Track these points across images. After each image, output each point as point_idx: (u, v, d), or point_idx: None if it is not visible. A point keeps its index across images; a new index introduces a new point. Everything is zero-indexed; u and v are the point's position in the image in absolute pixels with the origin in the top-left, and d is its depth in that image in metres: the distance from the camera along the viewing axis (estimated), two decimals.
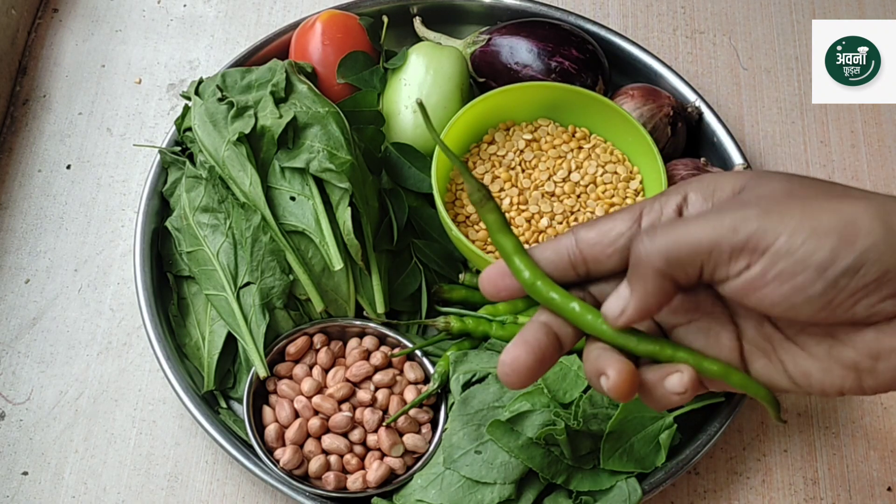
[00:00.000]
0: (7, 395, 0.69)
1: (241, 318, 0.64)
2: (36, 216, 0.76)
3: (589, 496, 0.61)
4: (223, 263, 0.65)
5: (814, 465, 0.67)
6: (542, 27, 0.76)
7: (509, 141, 0.72)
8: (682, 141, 0.75)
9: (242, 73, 0.70)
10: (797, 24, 0.86)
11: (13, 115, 0.80)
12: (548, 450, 0.60)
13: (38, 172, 0.77)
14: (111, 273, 0.73)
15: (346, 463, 0.62)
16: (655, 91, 0.74)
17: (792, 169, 0.79)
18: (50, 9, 0.86)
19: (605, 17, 0.85)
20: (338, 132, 0.65)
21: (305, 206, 0.65)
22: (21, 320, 0.71)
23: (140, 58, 0.83)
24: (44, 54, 0.83)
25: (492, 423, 0.61)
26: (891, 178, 0.79)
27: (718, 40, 0.85)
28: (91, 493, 0.66)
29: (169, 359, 0.66)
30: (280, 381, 0.65)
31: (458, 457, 0.61)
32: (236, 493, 0.66)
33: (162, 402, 0.69)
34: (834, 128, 0.81)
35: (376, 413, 0.63)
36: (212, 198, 0.66)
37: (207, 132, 0.66)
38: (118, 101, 0.81)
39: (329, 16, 0.75)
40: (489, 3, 0.81)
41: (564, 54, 0.73)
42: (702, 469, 0.67)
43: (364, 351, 0.66)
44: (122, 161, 0.78)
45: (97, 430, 0.68)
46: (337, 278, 0.65)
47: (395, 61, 0.75)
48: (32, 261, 0.74)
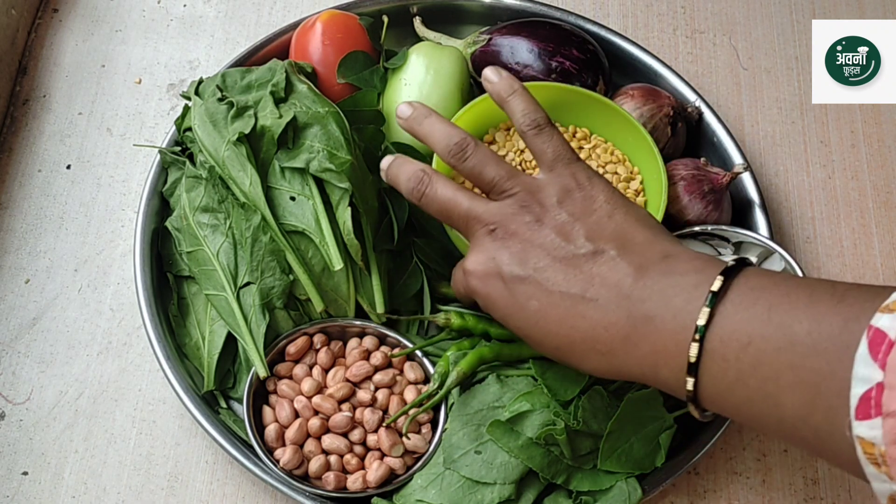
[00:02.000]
0: (7, 395, 0.69)
1: (241, 318, 0.64)
2: (36, 216, 0.76)
3: (589, 496, 0.61)
4: (223, 263, 0.65)
5: (814, 465, 0.67)
6: (542, 27, 0.76)
7: (510, 141, 0.72)
8: (682, 141, 0.75)
9: (242, 73, 0.70)
10: (797, 24, 0.86)
11: (13, 115, 0.80)
12: (548, 450, 0.60)
13: (38, 172, 0.77)
14: (111, 273, 0.73)
15: (346, 463, 0.63)
16: (655, 91, 0.74)
17: (792, 169, 0.79)
18: (50, 9, 0.86)
19: (605, 17, 0.86)
20: (338, 132, 0.65)
21: (305, 206, 0.65)
22: (21, 320, 0.71)
23: (140, 58, 0.83)
24: (44, 54, 0.83)
25: (492, 424, 0.61)
26: (891, 178, 0.79)
27: (718, 40, 0.85)
28: (91, 493, 0.66)
29: (169, 359, 0.66)
30: (280, 381, 0.65)
31: (458, 457, 0.61)
32: (236, 493, 0.66)
33: (162, 402, 0.69)
34: (834, 128, 0.81)
35: (376, 413, 0.63)
36: (212, 198, 0.66)
37: (207, 132, 0.66)
38: (118, 101, 0.81)
39: (329, 16, 0.75)
40: (489, 3, 0.81)
41: (565, 54, 0.73)
42: (702, 469, 0.67)
43: (364, 351, 0.66)
44: (122, 161, 0.78)
45: (97, 430, 0.68)
46: (337, 278, 0.65)
47: (396, 61, 0.75)
48: (32, 261, 0.74)
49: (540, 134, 0.60)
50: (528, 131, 0.60)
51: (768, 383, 0.46)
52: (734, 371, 0.48)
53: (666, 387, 0.52)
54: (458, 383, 0.63)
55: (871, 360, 0.41)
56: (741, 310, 0.48)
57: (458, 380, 0.62)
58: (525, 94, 0.62)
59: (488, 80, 0.63)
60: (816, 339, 0.44)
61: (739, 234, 0.68)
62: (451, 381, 0.62)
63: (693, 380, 0.49)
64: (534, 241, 0.55)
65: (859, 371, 0.42)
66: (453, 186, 0.60)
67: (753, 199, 0.72)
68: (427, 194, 0.60)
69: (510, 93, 0.62)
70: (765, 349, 0.46)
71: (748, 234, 0.68)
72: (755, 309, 0.48)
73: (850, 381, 0.42)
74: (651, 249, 0.54)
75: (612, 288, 0.53)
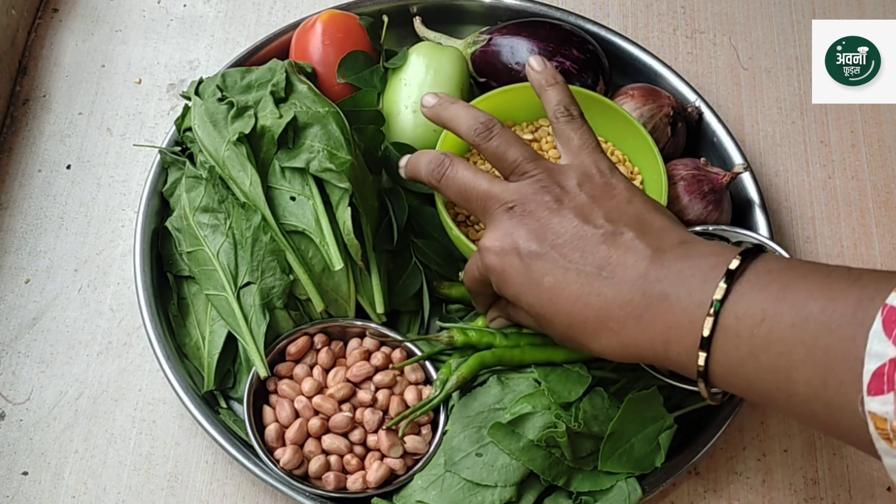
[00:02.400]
0: (7, 395, 0.69)
1: (241, 318, 0.64)
2: (36, 216, 0.76)
3: (589, 496, 0.61)
4: (223, 263, 0.65)
5: (814, 465, 0.67)
6: (543, 27, 0.76)
7: None
8: (682, 141, 0.75)
9: (242, 73, 0.70)
10: (797, 24, 0.86)
11: (13, 115, 0.80)
12: (549, 452, 0.60)
13: (38, 172, 0.77)
14: (111, 273, 0.73)
15: (346, 463, 0.63)
16: (655, 91, 0.74)
17: (792, 169, 0.79)
18: (50, 9, 0.86)
19: (605, 17, 0.85)
20: (338, 132, 0.65)
21: (305, 206, 0.65)
22: (21, 320, 0.71)
23: (140, 58, 0.83)
24: (44, 54, 0.83)
25: (493, 426, 0.61)
26: (891, 178, 0.79)
27: (718, 40, 0.85)
28: (91, 493, 0.66)
29: (169, 359, 0.66)
30: (280, 381, 0.65)
31: (459, 459, 0.61)
32: (236, 493, 0.66)
33: (162, 402, 0.69)
34: (834, 128, 0.81)
35: (376, 413, 0.63)
36: (212, 198, 0.66)
37: (207, 132, 0.66)
38: (118, 101, 0.81)
39: (329, 16, 0.75)
40: (489, 3, 0.81)
41: (565, 54, 0.73)
42: (702, 469, 0.67)
43: (365, 351, 0.66)
44: (122, 161, 0.78)
45: (97, 430, 0.68)
46: (337, 278, 0.65)
47: (396, 61, 0.75)
48: (32, 261, 0.74)
49: (571, 122, 0.61)
50: (561, 118, 0.61)
51: (780, 359, 0.47)
52: (747, 347, 0.48)
53: (676, 364, 0.52)
54: (457, 387, 0.63)
55: (885, 337, 0.42)
56: (757, 289, 0.49)
57: (458, 384, 0.62)
58: (565, 87, 0.63)
59: (532, 67, 0.64)
60: (830, 317, 0.45)
61: (739, 234, 0.68)
62: (451, 386, 0.62)
63: (705, 355, 0.50)
64: (552, 220, 0.56)
65: (873, 347, 0.42)
66: (473, 169, 0.61)
67: (753, 199, 0.72)
68: (448, 175, 0.61)
69: (552, 83, 0.63)
70: (778, 326, 0.47)
71: (748, 234, 0.68)
72: (771, 288, 0.48)
73: (863, 358, 0.42)
74: (669, 234, 0.55)
75: (629, 268, 0.53)
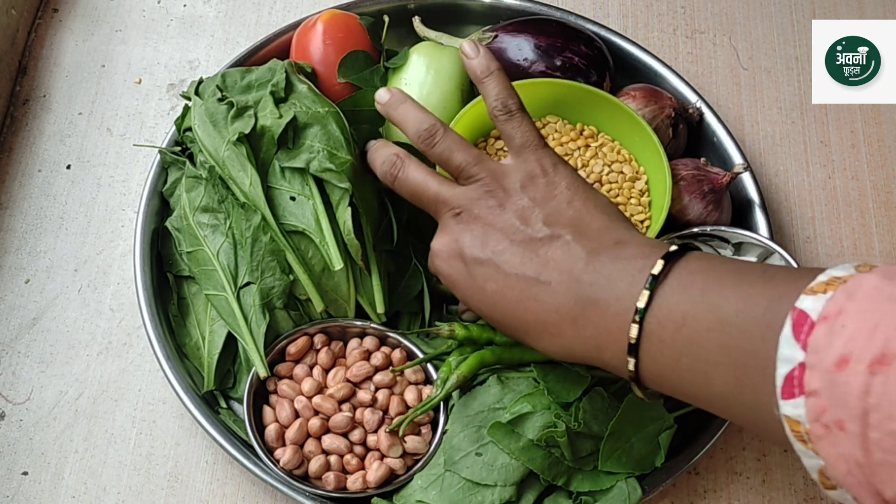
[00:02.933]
0: (7, 395, 0.69)
1: (241, 318, 0.64)
2: (36, 216, 0.76)
3: (589, 496, 0.61)
4: (223, 263, 0.65)
5: None
6: (548, 24, 0.76)
7: None
8: (683, 142, 0.75)
9: (242, 73, 0.70)
10: (797, 24, 0.86)
11: (13, 115, 0.80)
12: (548, 451, 0.60)
13: (38, 172, 0.77)
14: (111, 273, 0.73)
15: (346, 463, 0.63)
16: (657, 92, 0.74)
17: (792, 169, 0.79)
18: (50, 9, 0.86)
19: (605, 17, 0.85)
20: (338, 132, 0.65)
21: (305, 206, 0.65)
22: (21, 320, 0.71)
23: (140, 58, 0.83)
24: (44, 54, 0.83)
25: (493, 425, 0.61)
26: (891, 178, 0.79)
27: (718, 40, 0.85)
28: (91, 493, 0.66)
29: (169, 359, 0.66)
30: (280, 381, 0.65)
31: (459, 459, 0.61)
32: (236, 493, 0.66)
33: (162, 402, 0.69)
34: (834, 128, 0.81)
35: (376, 413, 0.63)
36: (212, 198, 0.66)
37: (207, 132, 0.66)
38: (118, 101, 0.81)
39: (330, 15, 0.75)
40: (490, 2, 0.81)
41: (574, 50, 0.73)
42: (702, 469, 0.67)
43: (364, 351, 0.66)
44: (122, 161, 0.78)
45: (97, 430, 0.68)
46: (337, 278, 0.65)
47: (396, 61, 0.75)
48: (32, 261, 0.74)
49: (510, 119, 0.61)
50: (500, 115, 0.61)
51: (700, 363, 0.48)
52: (670, 351, 0.49)
53: (611, 368, 0.53)
54: (457, 386, 0.63)
55: (794, 341, 0.42)
56: (678, 292, 0.50)
57: (457, 383, 0.62)
58: (501, 76, 0.62)
59: (465, 54, 0.63)
60: (744, 319, 0.46)
61: (739, 234, 0.68)
62: (451, 385, 0.62)
63: (634, 360, 0.51)
64: (495, 225, 0.57)
65: (784, 352, 0.43)
66: (425, 171, 0.61)
67: (753, 199, 0.72)
68: (399, 178, 0.61)
69: (486, 74, 0.62)
70: (697, 329, 0.48)
71: (748, 234, 0.68)
72: (690, 291, 0.49)
73: (775, 361, 0.43)
74: (606, 235, 0.55)
75: (565, 272, 0.54)
